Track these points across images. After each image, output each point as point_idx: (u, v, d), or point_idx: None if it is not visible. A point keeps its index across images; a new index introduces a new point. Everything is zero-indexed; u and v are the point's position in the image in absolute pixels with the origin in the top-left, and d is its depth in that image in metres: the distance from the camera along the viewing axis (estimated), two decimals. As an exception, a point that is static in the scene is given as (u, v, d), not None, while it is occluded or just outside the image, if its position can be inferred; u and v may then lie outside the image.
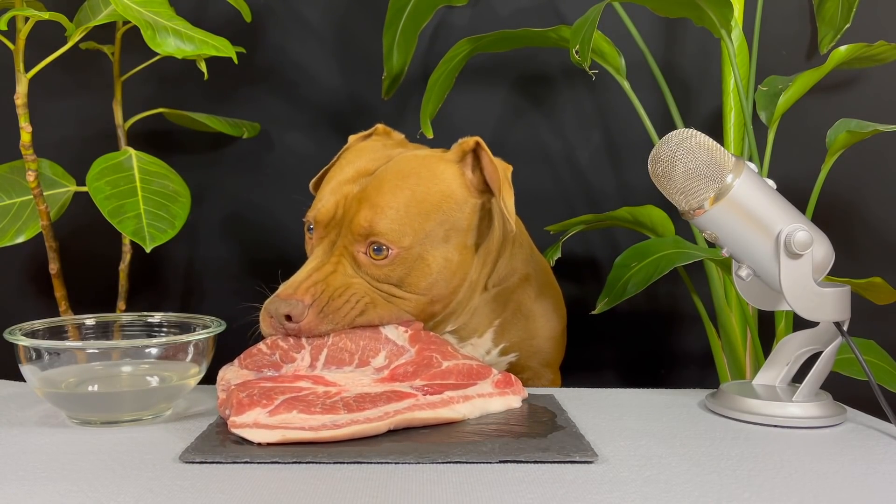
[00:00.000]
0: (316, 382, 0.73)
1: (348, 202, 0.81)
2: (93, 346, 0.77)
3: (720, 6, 1.03)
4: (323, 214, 0.82)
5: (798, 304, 0.75)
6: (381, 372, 0.76)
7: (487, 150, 0.83)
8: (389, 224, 0.79)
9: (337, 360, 0.76)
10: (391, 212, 0.79)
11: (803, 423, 0.75)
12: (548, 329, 0.97)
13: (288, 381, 0.72)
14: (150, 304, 1.33)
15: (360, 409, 0.68)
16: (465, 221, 0.83)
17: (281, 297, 0.77)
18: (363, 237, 0.79)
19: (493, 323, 0.92)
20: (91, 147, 1.25)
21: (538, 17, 1.33)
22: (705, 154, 0.74)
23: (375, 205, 0.79)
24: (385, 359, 0.77)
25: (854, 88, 1.33)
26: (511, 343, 0.94)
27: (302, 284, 0.78)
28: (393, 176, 0.81)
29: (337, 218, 0.81)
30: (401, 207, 0.79)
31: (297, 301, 0.76)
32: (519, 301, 0.94)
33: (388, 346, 0.78)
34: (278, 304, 0.77)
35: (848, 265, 1.28)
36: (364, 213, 0.79)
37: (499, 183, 0.81)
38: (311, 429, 0.65)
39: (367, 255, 0.79)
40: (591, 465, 0.63)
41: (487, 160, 0.83)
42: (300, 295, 0.77)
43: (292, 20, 1.34)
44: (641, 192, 1.33)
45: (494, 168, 0.82)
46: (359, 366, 0.76)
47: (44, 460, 0.62)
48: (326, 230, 0.82)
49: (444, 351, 0.79)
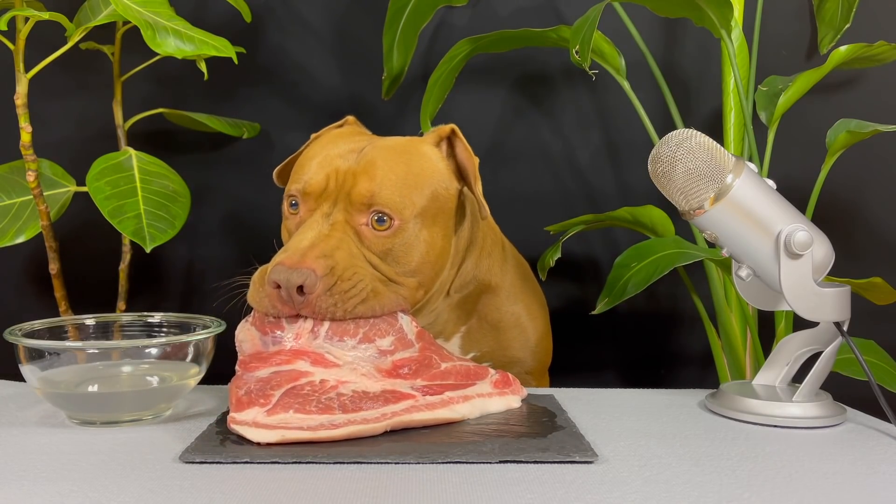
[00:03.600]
0: (315, 363, 0.72)
1: (341, 175, 0.79)
2: (93, 346, 0.77)
3: (720, 6, 1.03)
4: (314, 185, 0.80)
5: (798, 304, 0.75)
6: (385, 357, 0.75)
7: (462, 137, 0.83)
8: (390, 194, 0.78)
9: (341, 330, 0.74)
10: (390, 182, 0.78)
11: (803, 423, 0.75)
12: (521, 340, 0.95)
13: (286, 362, 0.71)
14: (150, 304, 1.33)
15: (357, 409, 0.68)
16: (450, 204, 0.83)
17: (288, 265, 0.72)
18: (366, 207, 0.78)
19: (460, 329, 0.92)
20: (91, 147, 1.25)
21: (538, 17, 1.33)
22: (705, 154, 0.74)
23: (374, 176, 0.78)
24: (391, 344, 0.76)
25: (854, 88, 1.33)
26: (482, 353, 0.94)
27: (309, 253, 0.74)
28: (386, 152, 0.81)
29: (329, 190, 0.79)
30: (398, 179, 0.79)
31: (309, 271, 0.72)
32: (483, 312, 0.93)
33: (398, 333, 0.77)
34: (289, 275, 0.72)
35: (848, 265, 1.28)
36: (364, 184, 0.78)
37: (474, 170, 0.82)
38: (309, 429, 0.65)
39: (369, 226, 0.78)
40: (591, 465, 0.63)
41: (462, 147, 0.83)
42: (310, 263, 0.72)
43: (292, 20, 1.34)
44: (641, 192, 1.33)
45: (469, 155, 0.83)
46: (362, 340, 0.75)
47: (44, 460, 0.62)
48: (318, 202, 0.80)
49: (442, 353, 0.79)
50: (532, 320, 0.96)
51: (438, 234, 0.82)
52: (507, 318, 0.94)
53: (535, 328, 0.96)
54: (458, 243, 0.87)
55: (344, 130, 0.90)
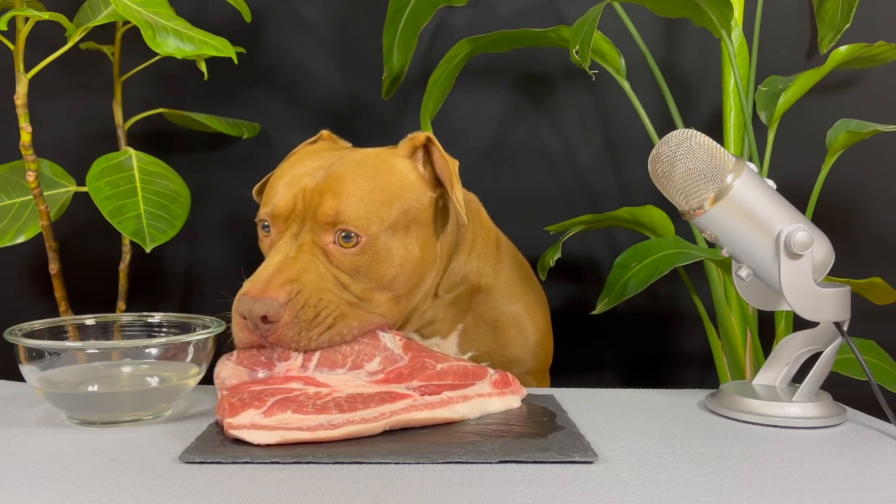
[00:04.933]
0: (307, 383, 0.72)
1: (308, 194, 0.79)
2: (93, 346, 0.77)
3: (720, 6, 1.03)
4: (281, 207, 0.80)
5: (798, 305, 0.75)
6: (376, 376, 0.75)
7: (438, 144, 0.83)
8: (356, 211, 0.77)
9: (330, 362, 0.75)
10: (355, 199, 0.78)
11: (803, 423, 0.75)
12: (520, 339, 0.95)
13: (278, 383, 0.72)
14: (150, 304, 1.33)
15: (353, 409, 0.68)
16: (424, 214, 0.83)
17: (251, 295, 0.73)
18: (331, 225, 0.77)
19: (457, 326, 0.92)
20: (91, 147, 1.25)
21: (538, 17, 1.33)
22: (705, 154, 0.74)
23: (339, 193, 0.78)
24: (379, 364, 0.76)
25: (854, 88, 1.33)
26: (480, 352, 0.93)
27: (273, 280, 0.74)
28: (352, 167, 0.80)
29: (297, 211, 0.79)
30: (364, 195, 0.79)
31: (272, 300, 0.72)
32: (478, 311, 0.93)
33: (384, 353, 0.77)
34: (251, 305, 0.72)
35: (848, 265, 1.28)
36: (329, 202, 0.78)
37: (451, 178, 0.82)
38: (308, 429, 0.65)
39: (336, 244, 0.78)
40: (591, 465, 0.63)
41: (438, 155, 0.83)
42: (273, 292, 0.73)
43: (292, 20, 1.34)
44: (641, 192, 1.33)
45: (446, 162, 0.83)
46: (352, 368, 0.75)
47: (44, 460, 0.62)
48: (287, 223, 0.80)
49: (436, 356, 0.79)
50: (531, 320, 0.96)
51: (414, 245, 0.82)
52: (505, 317, 0.94)
53: (534, 328, 0.96)
54: (442, 248, 0.86)
55: (315, 147, 0.90)
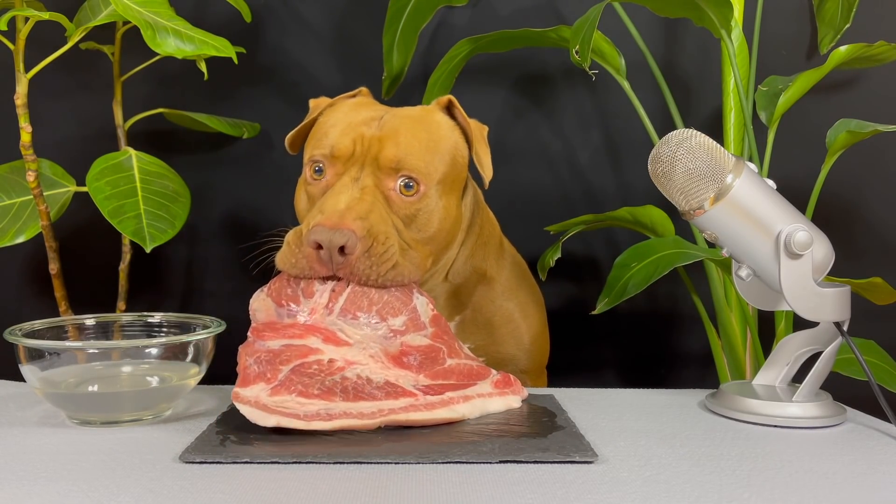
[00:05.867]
0: (326, 340, 0.72)
1: (367, 140, 0.80)
2: (93, 346, 0.77)
3: (720, 6, 1.03)
4: (341, 149, 0.81)
5: (798, 304, 0.75)
6: (394, 338, 0.74)
7: (459, 106, 0.86)
8: (417, 160, 0.80)
9: (356, 307, 0.74)
10: (415, 149, 0.80)
11: (803, 423, 0.75)
12: (515, 337, 0.95)
13: (298, 336, 0.72)
14: (150, 304, 1.33)
15: (358, 398, 0.69)
16: (463, 172, 0.87)
17: (328, 226, 0.73)
18: (394, 171, 0.79)
19: (454, 318, 0.93)
20: (91, 147, 1.25)
21: (538, 17, 1.33)
22: (705, 154, 0.74)
23: (400, 143, 0.80)
24: (403, 324, 0.75)
25: (854, 88, 1.33)
26: (475, 347, 0.93)
27: (347, 215, 0.74)
28: (407, 120, 0.83)
29: (357, 154, 0.80)
30: (422, 146, 0.81)
31: (350, 231, 0.73)
32: (478, 303, 0.93)
33: (411, 314, 0.76)
34: (331, 235, 0.72)
35: (848, 265, 1.28)
36: (391, 149, 0.80)
37: (475, 135, 0.85)
38: (305, 417, 0.66)
39: (396, 191, 0.80)
40: (591, 465, 0.63)
41: (461, 115, 0.86)
42: (350, 224, 0.73)
43: (292, 20, 1.34)
44: (641, 192, 1.33)
45: (467, 121, 0.86)
46: (376, 317, 0.74)
47: (44, 460, 0.62)
48: (346, 166, 0.81)
49: (452, 346, 0.78)
50: (525, 319, 0.96)
51: (453, 203, 0.85)
52: (500, 313, 0.94)
53: (528, 327, 0.96)
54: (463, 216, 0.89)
55: (360, 100, 0.91)
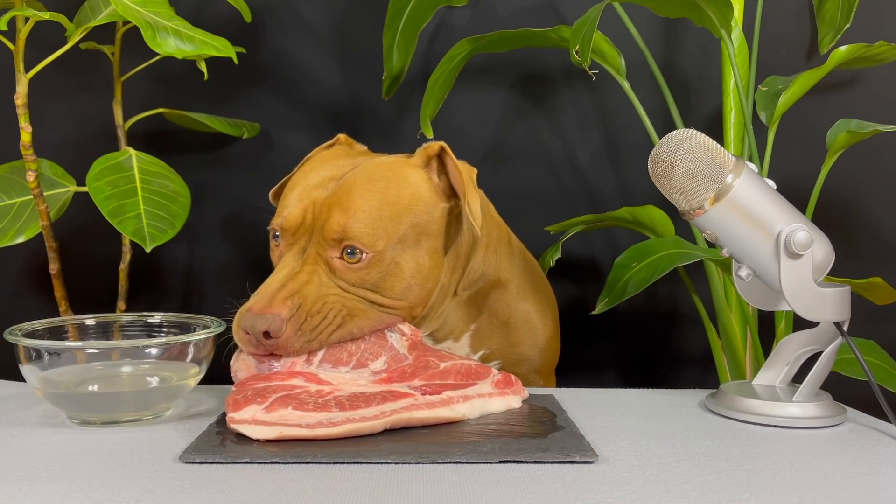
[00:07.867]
0: (309, 380, 0.73)
1: (317, 207, 0.79)
2: (93, 346, 0.77)
3: (720, 6, 1.03)
4: (290, 221, 0.79)
5: (798, 304, 0.75)
6: (379, 375, 0.76)
7: (451, 154, 0.83)
8: (363, 227, 0.77)
9: (334, 359, 0.75)
10: (363, 215, 0.77)
11: (803, 423, 0.75)
12: (531, 337, 0.95)
13: (281, 379, 0.72)
14: (150, 304, 1.33)
15: (354, 407, 0.68)
16: (435, 225, 0.82)
17: (255, 311, 0.73)
18: (337, 241, 0.77)
19: (469, 327, 0.92)
20: (91, 147, 1.25)
21: (538, 17, 1.33)
22: (705, 154, 0.74)
23: (347, 208, 0.77)
24: (384, 363, 0.77)
25: (854, 88, 1.33)
26: (491, 350, 0.93)
27: (277, 296, 0.74)
28: (362, 180, 0.80)
29: (306, 224, 0.79)
30: (372, 210, 0.78)
31: (274, 315, 0.72)
32: (494, 308, 0.93)
33: (390, 353, 0.77)
34: (254, 321, 0.72)
35: (848, 265, 1.28)
36: (336, 217, 0.77)
37: (464, 187, 0.81)
38: (307, 426, 0.65)
39: (341, 258, 0.77)
40: (591, 465, 0.63)
41: (452, 165, 0.82)
42: (276, 308, 0.73)
43: (292, 20, 1.34)
44: (641, 192, 1.33)
45: (459, 172, 0.82)
46: (356, 367, 0.76)
47: (44, 460, 0.62)
48: (295, 237, 0.79)
49: (441, 355, 0.79)
50: (542, 318, 0.97)
51: (424, 256, 0.81)
52: (517, 314, 0.94)
53: (544, 326, 0.97)
54: (459, 248, 0.86)
55: (331, 153, 0.89)
